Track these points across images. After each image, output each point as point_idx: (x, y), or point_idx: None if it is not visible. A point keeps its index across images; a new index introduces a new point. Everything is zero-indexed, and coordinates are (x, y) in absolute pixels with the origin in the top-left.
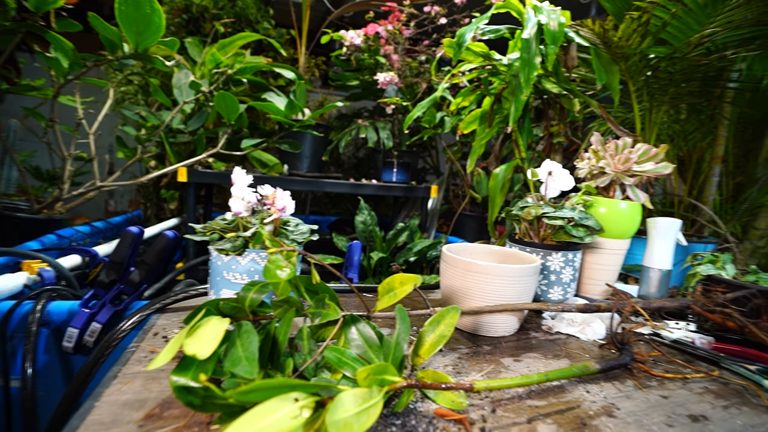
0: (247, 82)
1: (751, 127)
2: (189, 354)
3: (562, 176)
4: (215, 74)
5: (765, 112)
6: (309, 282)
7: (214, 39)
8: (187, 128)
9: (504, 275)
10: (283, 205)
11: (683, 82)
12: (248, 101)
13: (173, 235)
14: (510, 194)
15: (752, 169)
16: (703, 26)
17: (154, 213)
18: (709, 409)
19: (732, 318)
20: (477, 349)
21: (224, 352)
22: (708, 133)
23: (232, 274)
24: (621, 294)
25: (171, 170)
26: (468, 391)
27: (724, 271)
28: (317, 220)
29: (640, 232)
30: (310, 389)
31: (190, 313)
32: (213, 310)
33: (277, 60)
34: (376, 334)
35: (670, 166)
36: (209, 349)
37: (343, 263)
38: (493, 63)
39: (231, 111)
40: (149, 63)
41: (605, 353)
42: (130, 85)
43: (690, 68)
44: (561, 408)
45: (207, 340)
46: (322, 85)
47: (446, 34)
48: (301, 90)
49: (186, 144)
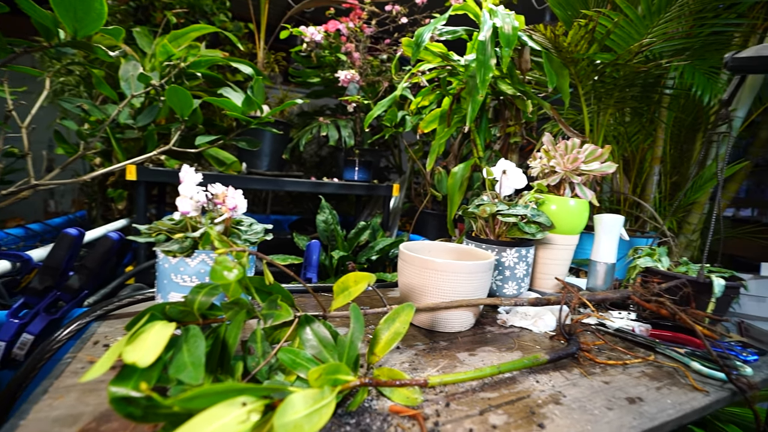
0: (203, 76)
1: (684, 130)
2: (129, 362)
3: (516, 175)
4: (167, 67)
5: (695, 117)
6: (262, 283)
7: (165, 30)
8: (136, 123)
9: (459, 272)
10: (234, 204)
11: (626, 87)
12: (203, 96)
13: (118, 237)
14: (469, 192)
15: (686, 169)
16: (642, 36)
17: (100, 214)
18: (645, 391)
19: (665, 306)
20: (433, 345)
21: (170, 358)
22: (648, 136)
23: (180, 276)
24: (569, 287)
25: (118, 168)
26: (422, 386)
27: (660, 264)
28: (278, 219)
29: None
30: (260, 392)
31: (133, 319)
32: (158, 314)
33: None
34: (332, 334)
35: (614, 165)
36: (152, 356)
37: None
38: (451, 63)
39: (184, 106)
40: (91, 52)
41: (555, 344)
42: (70, 76)
43: (632, 74)
44: (512, 398)
45: (149, 347)
46: (282, 82)
47: (407, 34)
48: (259, 86)
49: (135, 140)
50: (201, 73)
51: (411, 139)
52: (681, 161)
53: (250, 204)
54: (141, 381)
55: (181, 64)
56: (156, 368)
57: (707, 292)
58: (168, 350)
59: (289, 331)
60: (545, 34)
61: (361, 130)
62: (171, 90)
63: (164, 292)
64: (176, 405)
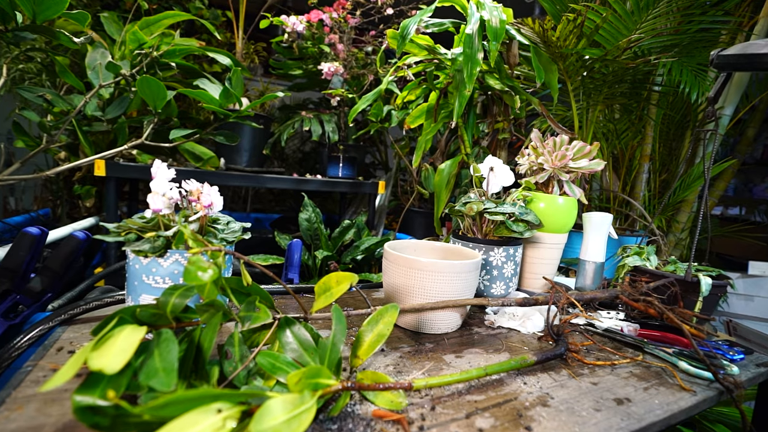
0: (177, 67)
1: (673, 127)
2: (95, 369)
3: (503, 172)
4: (138, 56)
5: (684, 114)
6: (239, 284)
7: (136, 16)
8: (105, 116)
9: (446, 272)
10: (209, 201)
11: (615, 84)
12: (178, 88)
13: (84, 236)
14: (457, 190)
15: (675, 167)
16: (631, 32)
17: (66, 212)
18: (633, 391)
19: (653, 305)
20: (419, 347)
21: (141, 364)
22: (638, 133)
23: (152, 277)
24: (557, 287)
25: (86, 163)
26: (407, 390)
27: (648, 262)
28: (259, 218)
29: (578, 227)
30: (236, 398)
31: (100, 323)
32: (128, 317)
33: (211, 44)
34: (313, 337)
35: (602, 163)
36: (120, 362)
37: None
38: (438, 57)
39: (157, 98)
40: (53, 38)
41: (543, 345)
42: (30, 63)
43: (621, 70)
44: (499, 401)
45: (118, 352)
46: (263, 74)
47: (393, 25)
48: (238, 77)
49: (104, 133)
50: (175, 63)
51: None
52: (670, 159)
53: (230, 202)
54: (109, 389)
55: (153, 53)
56: (125, 375)
57: (695, 291)
58: (138, 356)
59: (269, 334)
60: (534, 29)
61: (346, 124)
62: (143, 80)
63: (135, 294)
64: (147, 413)
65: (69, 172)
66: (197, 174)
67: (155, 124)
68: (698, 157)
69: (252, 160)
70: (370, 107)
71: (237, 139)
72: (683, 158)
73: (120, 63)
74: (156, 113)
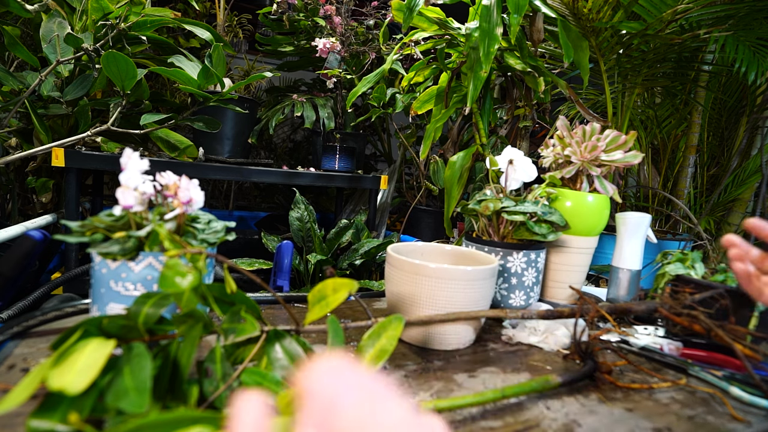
0: (149, 41)
1: (725, 114)
2: (55, 389)
3: (525, 165)
4: (102, 27)
5: (739, 98)
6: (223, 291)
7: None
8: (64, 97)
9: (457, 279)
10: (188, 197)
11: (657, 63)
12: (150, 65)
13: (41, 236)
14: (470, 186)
15: (727, 160)
16: (677, 1)
17: (18, 208)
18: (674, 420)
19: (699, 321)
20: (426, 365)
21: (108, 383)
22: (682, 120)
23: (122, 284)
24: (586, 297)
25: (41, 151)
26: None
27: (693, 271)
28: (243, 216)
29: (610, 229)
30: (217, 422)
31: (60, 336)
32: (94, 330)
33: (188, 15)
34: (306, 352)
35: (640, 155)
36: (85, 380)
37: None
38: (450, 32)
39: (125, 77)
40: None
41: (569, 364)
42: None
43: (663, 47)
44: (518, 428)
45: (82, 369)
46: (248, 51)
47: None
48: (220, 54)
49: (63, 117)
50: (146, 37)
51: (402, 122)
52: (721, 151)
53: (210, 198)
54: (70, 412)
55: (120, 24)
56: (90, 396)
57: (749, 304)
58: (105, 373)
59: (255, 348)
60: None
61: (343, 110)
62: (108, 56)
63: (101, 303)
64: None
65: (21, 161)
66: (172, 165)
67: (123, 107)
68: (755, 149)
69: (235, 149)
70: (372, 90)
71: (218, 126)
72: (737, 150)
73: (81, 35)
74: (124, 95)
